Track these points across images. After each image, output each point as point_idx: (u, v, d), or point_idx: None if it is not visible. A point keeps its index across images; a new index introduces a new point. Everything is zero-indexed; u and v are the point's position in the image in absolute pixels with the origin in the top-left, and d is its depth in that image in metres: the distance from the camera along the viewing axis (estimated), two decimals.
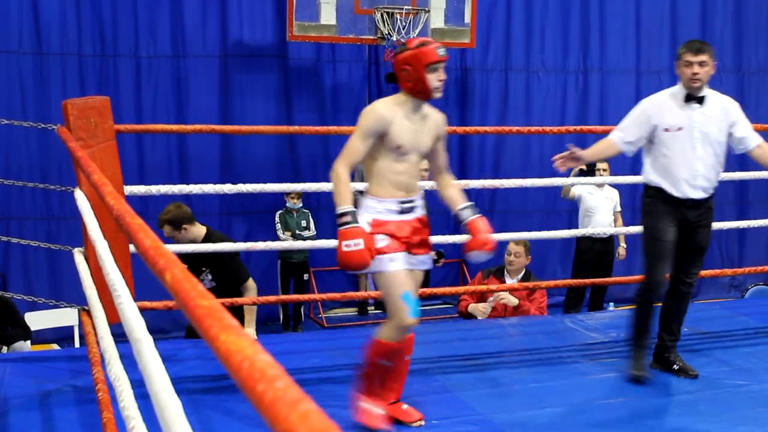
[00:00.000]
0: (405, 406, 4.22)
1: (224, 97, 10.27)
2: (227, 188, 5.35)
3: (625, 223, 9.08)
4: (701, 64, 4.69)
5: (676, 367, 4.97)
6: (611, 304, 9.87)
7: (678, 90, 4.82)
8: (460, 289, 6.91)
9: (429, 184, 5.06)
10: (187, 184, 6.05)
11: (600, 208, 8.73)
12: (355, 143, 3.91)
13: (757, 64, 12.19)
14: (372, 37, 9.41)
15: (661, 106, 4.84)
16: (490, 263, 5.86)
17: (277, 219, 9.81)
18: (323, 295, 8.24)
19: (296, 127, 8.38)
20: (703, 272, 5.73)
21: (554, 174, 5.38)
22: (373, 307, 10.72)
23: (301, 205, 9.80)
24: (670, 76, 11.67)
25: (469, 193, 10.86)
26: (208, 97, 10.16)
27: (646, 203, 4.97)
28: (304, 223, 9.79)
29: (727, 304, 8.36)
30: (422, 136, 4.04)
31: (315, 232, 9.83)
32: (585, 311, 8.64)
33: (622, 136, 4.94)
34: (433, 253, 4.30)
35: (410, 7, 9.24)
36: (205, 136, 9.44)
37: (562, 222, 10.48)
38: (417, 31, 9.23)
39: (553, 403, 4.51)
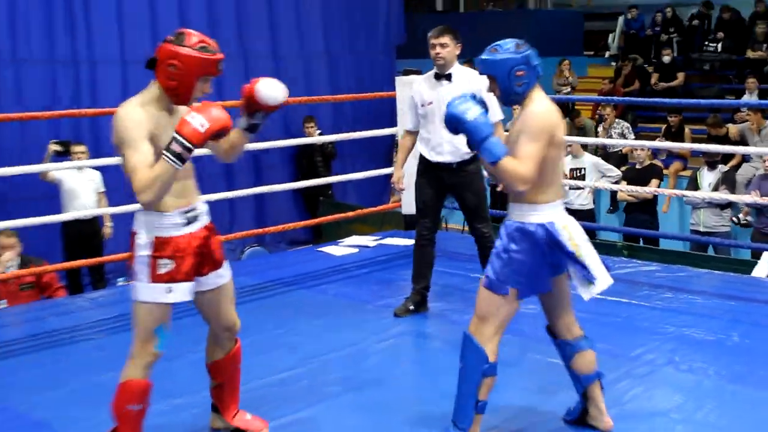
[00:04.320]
0: (248, 416, 3.77)
1: None
2: None
3: (112, 203, 8.78)
4: (442, 45, 5.23)
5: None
6: (120, 279, 9.73)
7: (431, 73, 5.36)
8: None
9: None
10: None
11: (81, 191, 8.46)
12: (137, 160, 3.09)
13: None
14: None
15: (420, 86, 5.42)
16: None
17: None
18: None
19: None
20: None
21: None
22: None
23: None
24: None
25: None
26: None
27: (417, 168, 5.51)
28: None
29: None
30: None
31: None
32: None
33: (404, 125, 5.68)
34: None
35: None
36: None
37: (56, 206, 9.96)
38: None
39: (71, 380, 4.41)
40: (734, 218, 9.40)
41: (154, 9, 11.77)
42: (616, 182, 9.42)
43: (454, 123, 3.42)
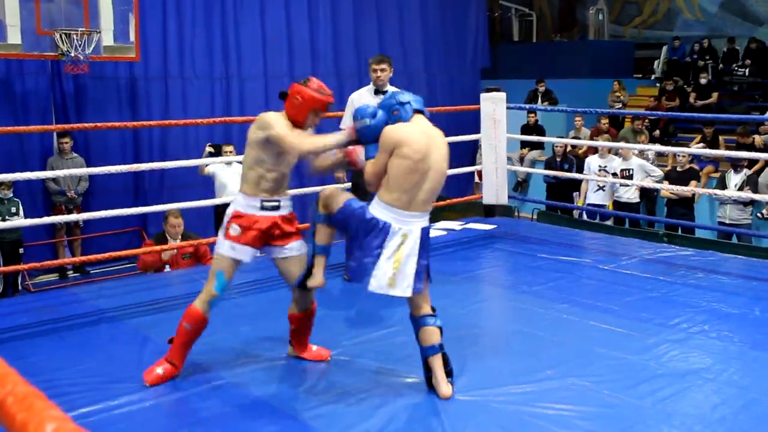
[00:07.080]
0: (315, 348, 3.95)
1: None
2: None
3: None
4: (382, 70, 5.38)
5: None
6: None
7: (371, 86, 5.47)
8: (138, 250, 6.55)
9: None
10: None
11: (229, 182, 8.36)
12: (285, 132, 3.53)
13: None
14: (54, 54, 8.73)
15: (361, 98, 5.38)
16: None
17: None
18: (25, 266, 7.49)
19: None
20: None
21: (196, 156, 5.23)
22: (71, 272, 10.03)
23: (11, 195, 8.76)
24: (289, 79, 11.91)
25: (143, 174, 10.40)
26: None
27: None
28: (13, 210, 8.71)
29: None
30: None
31: (23, 216, 8.83)
32: None
33: (343, 126, 5.37)
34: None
35: (84, 29, 8.64)
36: None
37: (209, 193, 10.03)
38: (91, 48, 8.66)
39: (217, 331, 4.47)
40: (759, 213, 9.10)
41: (290, 33, 11.92)
42: (658, 181, 9.19)
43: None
